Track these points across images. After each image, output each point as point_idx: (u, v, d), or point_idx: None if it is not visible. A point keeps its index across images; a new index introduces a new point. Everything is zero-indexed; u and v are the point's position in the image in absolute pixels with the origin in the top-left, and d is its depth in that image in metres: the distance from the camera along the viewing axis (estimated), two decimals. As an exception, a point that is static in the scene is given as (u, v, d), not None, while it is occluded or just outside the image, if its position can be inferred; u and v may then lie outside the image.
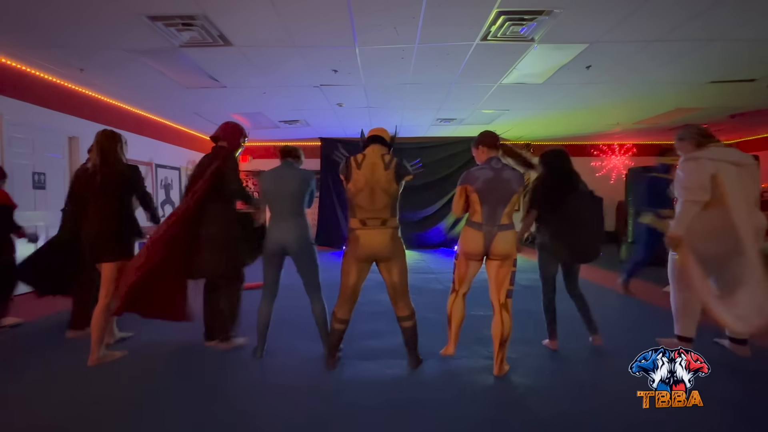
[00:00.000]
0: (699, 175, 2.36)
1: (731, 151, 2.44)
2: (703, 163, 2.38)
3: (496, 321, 2.35)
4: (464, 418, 1.92)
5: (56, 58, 3.94)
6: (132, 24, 3.22)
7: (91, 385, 2.27)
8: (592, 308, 2.77)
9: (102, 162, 2.51)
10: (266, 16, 3.13)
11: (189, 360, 2.63)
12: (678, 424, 1.82)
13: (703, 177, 2.35)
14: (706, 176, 2.34)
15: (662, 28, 3.36)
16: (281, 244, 2.54)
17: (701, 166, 2.38)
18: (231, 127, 2.81)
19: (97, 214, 2.50)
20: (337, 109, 6.09)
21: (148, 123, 6.37)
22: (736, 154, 2.41)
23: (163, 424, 1.88)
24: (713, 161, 2.37)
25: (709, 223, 2.36)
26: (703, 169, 2.36)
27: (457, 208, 2.44)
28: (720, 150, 2.43)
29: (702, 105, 5.84)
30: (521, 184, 2.32)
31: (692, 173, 2.39)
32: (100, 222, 2.49)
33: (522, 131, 8.11)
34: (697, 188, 2.35)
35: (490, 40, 3.60)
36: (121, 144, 2.61)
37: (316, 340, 2.75)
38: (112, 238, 2.49)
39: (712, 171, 2.34)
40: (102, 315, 2.47)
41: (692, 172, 2.39)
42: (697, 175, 2.37)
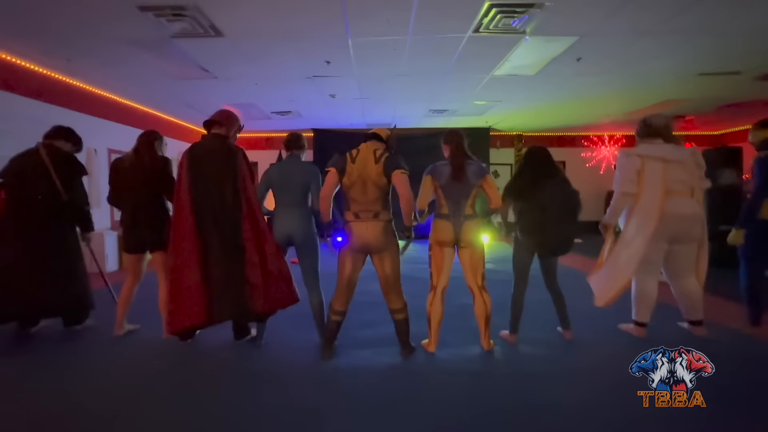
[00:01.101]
0: (627, 169, 2.65)
1: (663, 147, 2.66)
2: (633, 158, 2.66)
3: (478, 302, 2.54)
4: (456, 404, 2.00)
5: (42, 47, 3.87)
6: (121, 13, 3.18)
7: (97, 377, 2.31)
8: (569, 299, 2.80)
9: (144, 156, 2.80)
10: (258, 7, 3.11)
11: (189, 349, 2.67)
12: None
13: (631, 171, 2.64)
14: (634, 170, 2.64)
15: (652, 21, 3.40)
16: (288, 234, 2.59)
17: (631, 161, 2.66)
18: (228, 114, 2.72)
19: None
20: (329, 100, 6.08)
21: (135, 113, 6.29)
22: (667, 151, 2.63)
23: (162, 411, 1.94)
24: (641, 157, 2.65)
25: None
26: (632, 163, 2.65)
27: (423, 201, 2.53)
28: (652, 147, 2.67)
29: (690, 96, 5.94)
30: (481, 176, 2.48)
31: (622, 167, 2.70)
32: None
33: (514, 122, 8.17)
34: (624, 180, 2.66)
35: (483, 32, 3.62)
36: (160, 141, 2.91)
37: (312, 329, 2.81)
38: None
39: (638, 166, 2.63)
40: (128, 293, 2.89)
41: (622, 166, 2.70)
42: (625, 169, 2.66)
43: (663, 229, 2.58)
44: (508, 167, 9.47)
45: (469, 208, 2.49)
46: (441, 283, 2.55)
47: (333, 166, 2.37)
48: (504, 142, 9.38)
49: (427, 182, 2.52)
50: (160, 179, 2.79)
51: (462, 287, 2.77)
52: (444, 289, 2.56)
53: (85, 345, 2.80)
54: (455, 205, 2.48)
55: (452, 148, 2.54)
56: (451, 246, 2.53)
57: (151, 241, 2.80)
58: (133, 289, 2.91)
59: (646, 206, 2.62)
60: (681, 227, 2.61)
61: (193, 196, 2.48)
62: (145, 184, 2.75)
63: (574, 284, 3.49)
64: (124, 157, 2.84)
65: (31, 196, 2.82)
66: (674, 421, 1.79)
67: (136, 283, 2.91)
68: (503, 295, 2.91)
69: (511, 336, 2.78)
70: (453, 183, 2.47)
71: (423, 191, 2.53)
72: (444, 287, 2.56)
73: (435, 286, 2.56)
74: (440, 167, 2.52)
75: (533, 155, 2.74)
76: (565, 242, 2.61)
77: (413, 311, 2.54)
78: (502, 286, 4.20)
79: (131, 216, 2.78)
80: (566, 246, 2.62)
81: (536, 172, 2.65)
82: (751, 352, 2.58)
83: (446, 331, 2.74)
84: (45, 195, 2.83)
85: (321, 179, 2.58)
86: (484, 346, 2.60)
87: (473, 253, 2.52)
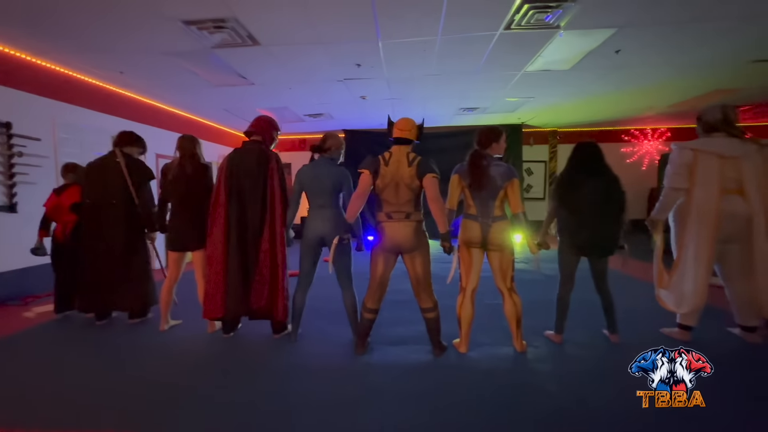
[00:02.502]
0: (677, 163, 2.55)
1: (721, 141, 2.49)
2: (685, 152, 2.54)
3: (508, 304, 2.52)
4: (486, 401, 2.01)
5: (98, 62, 4.21)
6: (167, 29, 3.41)
7: (145, 368, 2.51)
8: (617, 305, 2.73)
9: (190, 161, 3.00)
10: (293, 15, 3.24)
11: (228, 344, 2.84)
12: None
13: (680, 165, 2.54)
14: (684, 165, 2.53)
15: (694, 10, 3.22)
16: (320, 234, 2.68)
17: (683, 155, 2.54)
18: (264, 122, 2.92)
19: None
20: (360, 101, 6.17)
21: (179, 120, 6.68)
22: (724, 146, 2.47)
23: (201, 403, 2.07)
24: (694, 151, 2.50)
25: (683, 209, 2.57)
26: (682, 158, 2.53)
27: (453, 200, 2.52)
28: (709, 141, 2.53)
29: (742, 85, 5.53)
30: (507, 179, 2.42)
31: (672, 161, 2.59)
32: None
33: (547, 118, 7.93)
34: (674, 175, 2.55)
35: (514, 28, 3.57)
36: (199, 146, 3.11)
37: (346, 326, 2.90)
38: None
39: (689, 160, 2.50)
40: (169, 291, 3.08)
41: (672, 160, 2.59)
42: (675, 163, 2.56)
43: (719, 229, 2.45)
44: (542, 164, 9.20)
45: (497, 209, 2.46)
46: (470, 284, 2.54)
47: (366, 168, 2.40)
48: (538, 139, 9.12)
49: (454, 182, 2.52)
50: (200, 183, 2.98)
51: (494, 287, 2.76)
52: (474, 290, 2.55)
53: (141, 338, 3.03)
54: (483, 205, 2.47)
55: (478, 145, 2.51)
56: (480, 247, 2.51)
57: (192, 241, 2.98)
58: (173, 286, 3.11)
59: (700, 204, 2.48)
60: (734, 227, 2.47)
61: (228, 199, 2.76)
62: (188, 187, 2.95)
63: (615, 285, 3.37)
64: (171, 162, 3.06)
65: (108, 201, 3.13)
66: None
67: (176, 280, 3.11)
68: (537, 296, 2.86)
69: (556, 336, 2.75)
70: (480, 183, 2.44)
71: (452, 191, 2.53)
72: (474, 288, 2.55)
73: (464, 287, 2.56)
74: (467, 166, 2.50)
75: (580, 151, 2.66)
76: (608, 243, 2.54)
77: (444, 310, 2.57)
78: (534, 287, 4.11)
79: (176, 217, 2.99)
80: (610, 247, 2.55)
81: (582, 169, 2.59)
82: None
83: (478, 330, 2.75)
84: (120, 199, 3.13)
85: (352, 181, 2.66)
86: (516, 348, 2.58)
87: (502, 256, 2.49)
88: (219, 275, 2.75)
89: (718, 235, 2.46)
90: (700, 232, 2.47)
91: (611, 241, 2.54)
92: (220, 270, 2.76)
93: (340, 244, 2.59)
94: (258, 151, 2.79)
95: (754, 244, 2.49)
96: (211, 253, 2.77)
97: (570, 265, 2.67)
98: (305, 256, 2.75)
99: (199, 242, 2.97)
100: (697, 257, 2.48)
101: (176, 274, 3.09)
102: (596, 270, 2.67)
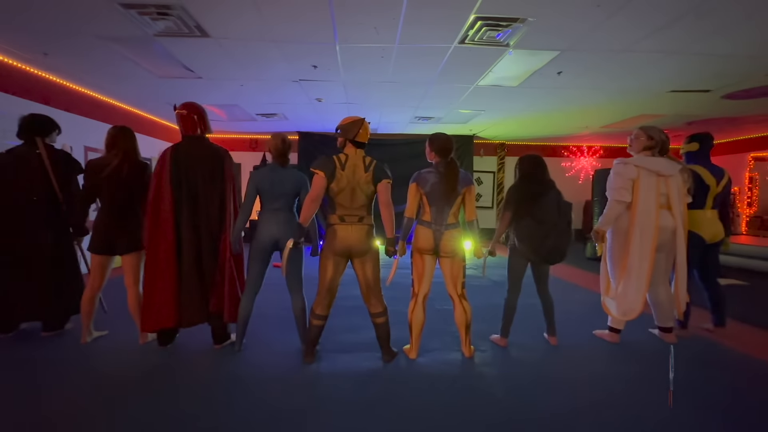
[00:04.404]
0: (624, 178, 2.70)
1: (659, 161, 2.73)
2: (630, 168, 2.71)
3: (458, 311, 2.56)
4: (436, 407, 2.02)
5: (17, 41, 3.74)
6: (103, 10, 3.11)
7: (72, 379, 2.23)
8: (556, 307, 2.90)
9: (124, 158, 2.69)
10: (245, 9, 3.10)
11: (168, 354, 2.62)
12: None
13: (626, 180, 2.69)
14: (629, 180, 2.69)
15: (626, 40, 3.56)
16: (274, 239, 2.57)
17: (628, 170, 2.71)
18: (199, 109, 2.67)
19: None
20: (315, 103, 6.07)
21: (112, 110, 6.13)
22: (662, 165, 2.71)
23: (143, 416, 1.89)
24: (637, 168, 2.70)
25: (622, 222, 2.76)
26: (628, 173, 2.70)
27: (411, 209, 2.53)
28: (648, 159, 2.74)
29: (663, 112, 6.21)
30: (465, 185, 2.49)
31: (618, 175, 2.73)
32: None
33: (497, 131, 8.34)
34: (620, 189, 2.69)
35: (468, 43, 3.71)
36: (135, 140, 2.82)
37: (294, 333, 2.79)
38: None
39: (633, 176, 2.69)
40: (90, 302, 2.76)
41: (619, 174, 2.72)
42: (622, 178, 2.70)
43: (658, 241, 2.67)
44: (491, 175, 9.65)
45: (452, 217, 2.51)
46: (422, 290, 2.56)
47: (321, 169, 2.32)
48: (488, 150, 9.57)
49: (412, 190, 2.53)
50: (138, 182, 2.73)
51: (445, 293, 2.82)
52: (425, 296, 2.58)
53: (60, 352, 2.70)
54: (438, 212, 2.50)
55: (440, 154, 2.52)
56: (432, 254, 2.54)
57: (122, 243, 2.71)
58: (97, 293, 2.78)
59: (642, 218, 2.67)
60: (664, 238, 2.70)
61: (174, 199, 2.53)
62: (123, 186, 2.68)
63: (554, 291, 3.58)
64: (103, 157, 2.75)
65: (27, 198, 2.75)
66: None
67: (100, 287, 2.78)
68: (484, 302, 2.96)
69: (501, 340, 2.84)
70: (438, 190, 2.48)
71: (410, 199, 2.53)
72: (426, 294, 2.58)
73: (416, 293, 2.57)
74: (425, 174, 2.53)
75: (529, 163, 2.75)
76: (560, 252, 2.68)
77: (394, 316, 2.56)
78: (481, 292, 4.26)
79: (105, 217, 2.69)
80: (561, 256, 2.69)
81: (535, 180, 2.70)
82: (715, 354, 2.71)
83: (428, 336, 2.77)
84: (41, 197, 2.76)
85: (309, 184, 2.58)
86: (465, 353, 2.63)
87: (453, 262, 2.53)
88: (168, 281, 2.50)
89: (656, 247, 2.67)
90: (643, 244, 2.66)
91: (564, 250, 2.69)
92: (170, 276, 2.50)
93: (294, 248, 2.51)
94: (208, 147, 2.62)
95: (678, 254, 2.75)
96: (156, 258, 2.50)
97: (520, 271, 2.79)
98: (255, 260, 2.61)
99: (129, 245, 2.71)
100: (640, 268, 2.67)
101: (100, 280, 2.76)
102: (539, 275, 2.81)
